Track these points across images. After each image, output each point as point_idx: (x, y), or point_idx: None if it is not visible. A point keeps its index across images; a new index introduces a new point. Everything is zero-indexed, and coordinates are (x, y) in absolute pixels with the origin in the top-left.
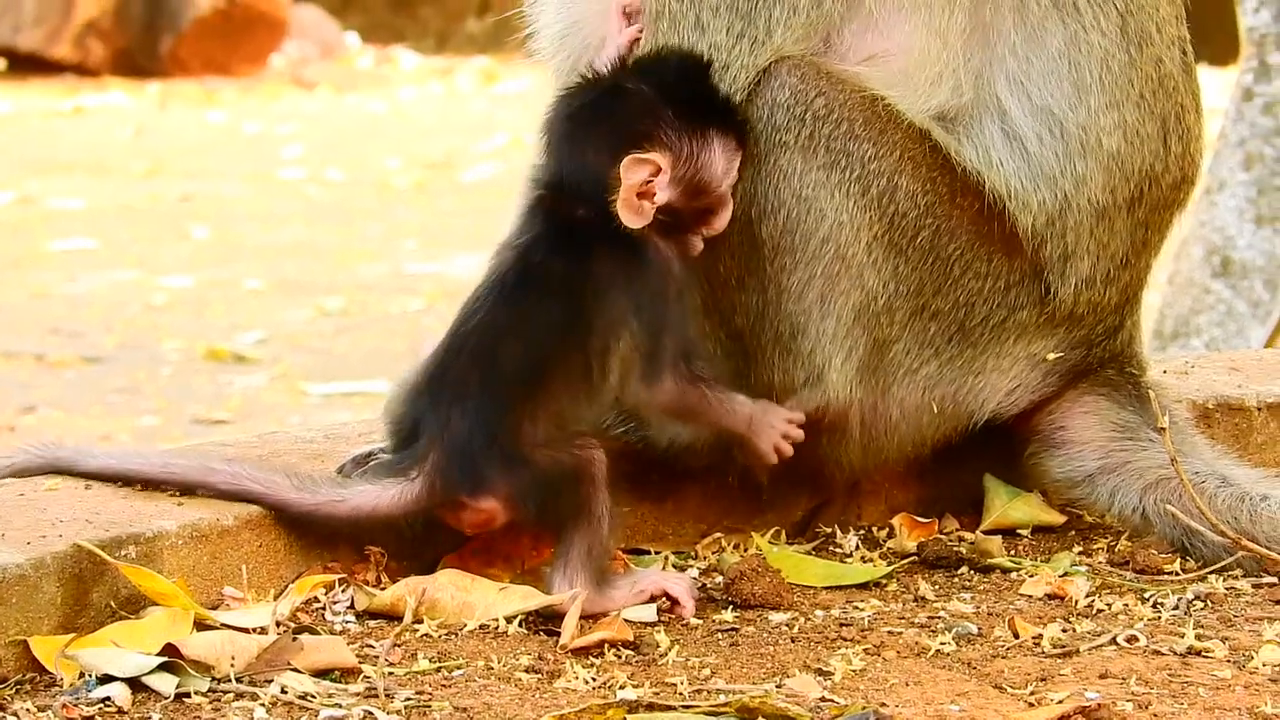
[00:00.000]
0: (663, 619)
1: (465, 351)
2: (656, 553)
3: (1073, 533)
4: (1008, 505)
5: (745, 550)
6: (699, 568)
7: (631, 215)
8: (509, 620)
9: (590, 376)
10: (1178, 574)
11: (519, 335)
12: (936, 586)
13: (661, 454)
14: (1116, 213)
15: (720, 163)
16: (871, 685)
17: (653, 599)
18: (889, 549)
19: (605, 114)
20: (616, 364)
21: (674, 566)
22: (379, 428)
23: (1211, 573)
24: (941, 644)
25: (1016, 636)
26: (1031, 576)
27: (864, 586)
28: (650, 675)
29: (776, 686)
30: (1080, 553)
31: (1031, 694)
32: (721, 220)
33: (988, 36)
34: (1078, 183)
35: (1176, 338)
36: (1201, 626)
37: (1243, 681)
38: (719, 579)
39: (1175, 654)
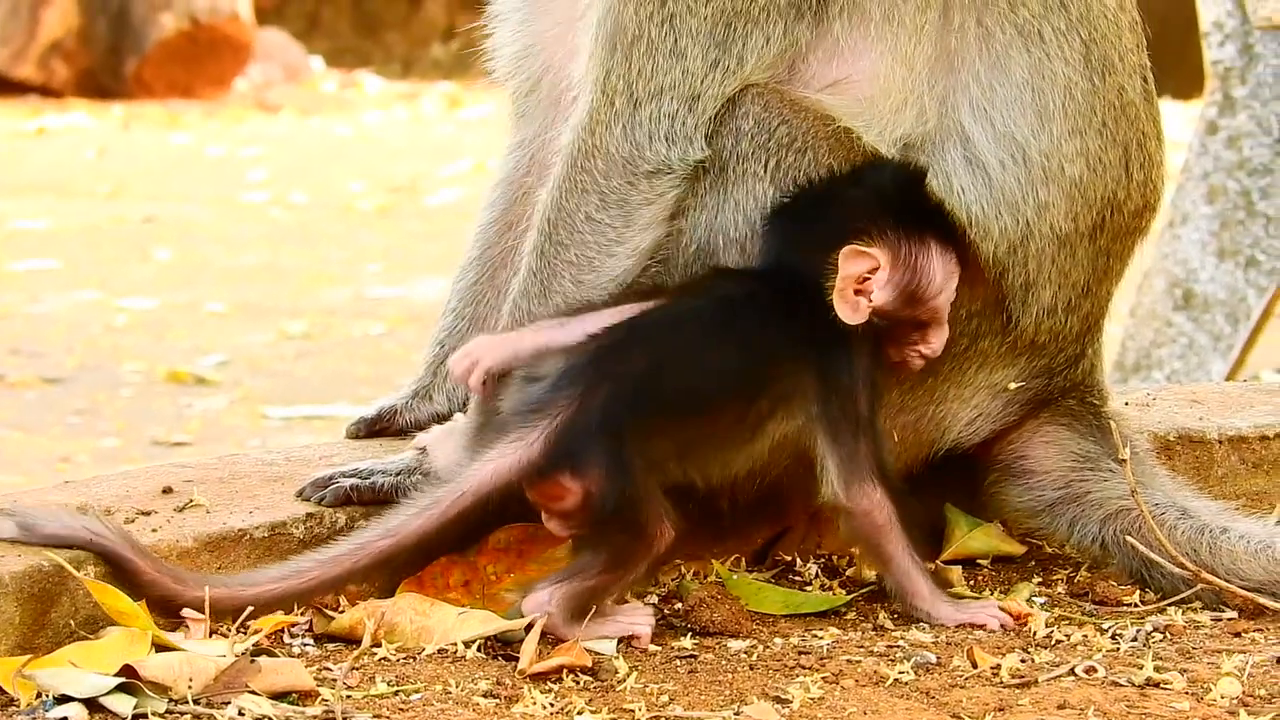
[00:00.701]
0: (623, 644)
1: (637, 343)
2: None
3: (1033, 563)
4: (968, 535)
5: (705, 578)
6: (659, 594)
7: (847, 309)
8: (467, 645)
9: (739, 431)
10: (1137, 605)
11: (697, 356)
12: (895, 615)
13: None
14: (1079, 240)
15: (939, 273)
16: (829, 713)
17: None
18: (848, 577)
19: (828, 208)
20: (769, 435)
21: (634, 594)
22: (340, 450)
23: (1170, 605)
24: (900, 673)
25: (975, 666)
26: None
27: (823, 615)
28: (608, 701)
29: (735, 714)
30: (1040, 583)
31: None
32: (936, 339)
33: (952, 63)
34: (1040, 210)
35: (1138, 370)
36: (1160, 658)
37: (1200, 714)
38: (679, 606)
39: (1134, 685)
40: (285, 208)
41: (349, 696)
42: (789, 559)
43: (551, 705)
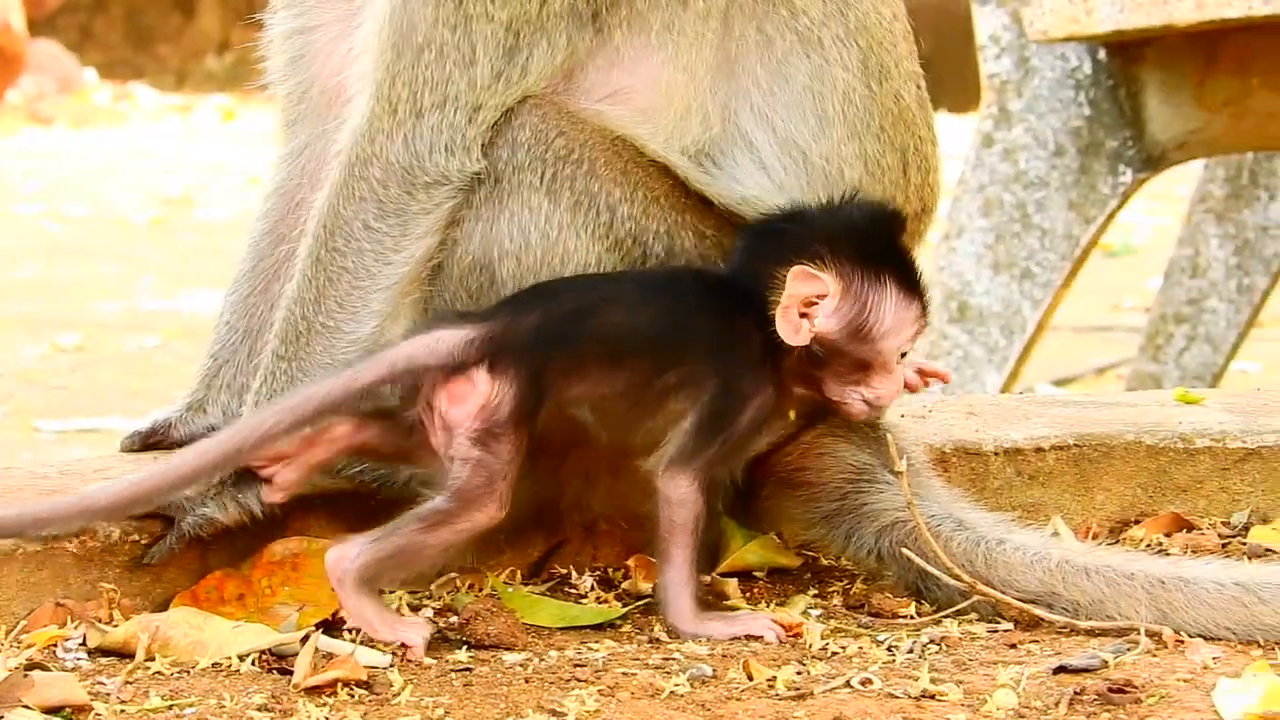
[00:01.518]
0: (398, 657)
1: (575, 288)
2: (391, 592)
3: (809, 575)
4: (744, 547)
5: (480, 590)
6: (434, 607)
7: (789, 328)
8: (242, 659)
9: (646, 396)
10: (913, 617)
11: (630, 309)
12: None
13: (396, 494)
14: None
15: (890, 315)
16: None
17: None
18: (624, 590)
19: (787, 230)
20: (664, 416)
21: (409, 606)
22: (115, 464)
23: (946, 616)
24: (676, 685)
25: (751, 679)
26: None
27: (598, 627)
28: (383, 715)
29: None
30: (816, 595)
31: None
32: (882, 386)
33: (734, 70)
34: None
35: None
36: (936, 670)
37: None
38: (453, 619)
39: (909, 697)
40: (59, 220)
41: (122, 711)
42: (564, 572)
43: (326, 719)
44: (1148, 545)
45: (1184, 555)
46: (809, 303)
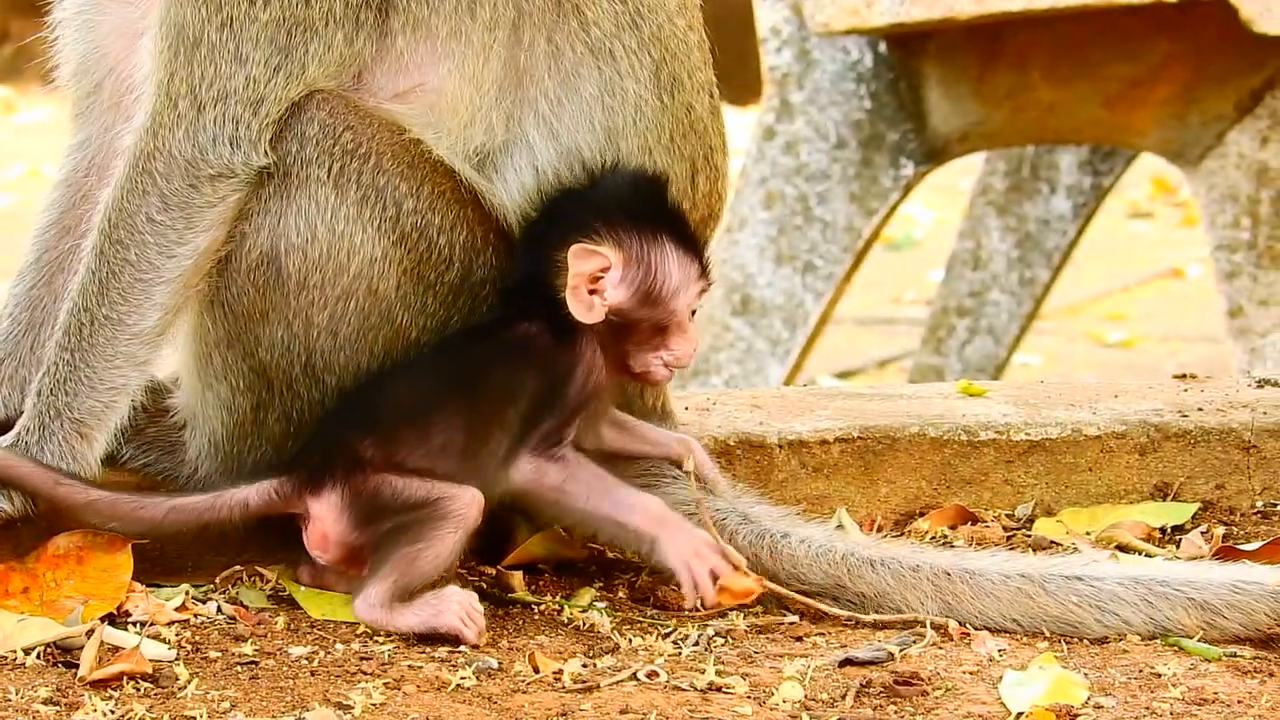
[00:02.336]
0: (184, 650)
1: (368, 388)
2: (174, 586)
3: (594, 568)
4: (529, 539)
5: (264, 584)
6: (219, 602)
7: (581, 308)
8: (27, 652)
9: (471, 435)
10: (698, 610)
11: (415, 379)
12: None
13: (183, 485)
14: None
15: (676, 275)
16: (392, 719)
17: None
18: None
19: (559, 210)
20: (498, 430)
21: (194, 599)
22: None
23: (732, 610)
24: (462, 678)
25: (537, 671)
26: (557, 611)
27: None
28: (169, 708)
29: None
30: (601, 588)
31: None
32: (679, 346)
33: (521, 80)
34: None
35: (697, 375)
36: (722, 663)
37: (763, 717)
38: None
39: (696, 690)
40: None
41: None
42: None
43: (112, 712)
44: (933, 538)
45: (969, 547)
46: (594, 278)
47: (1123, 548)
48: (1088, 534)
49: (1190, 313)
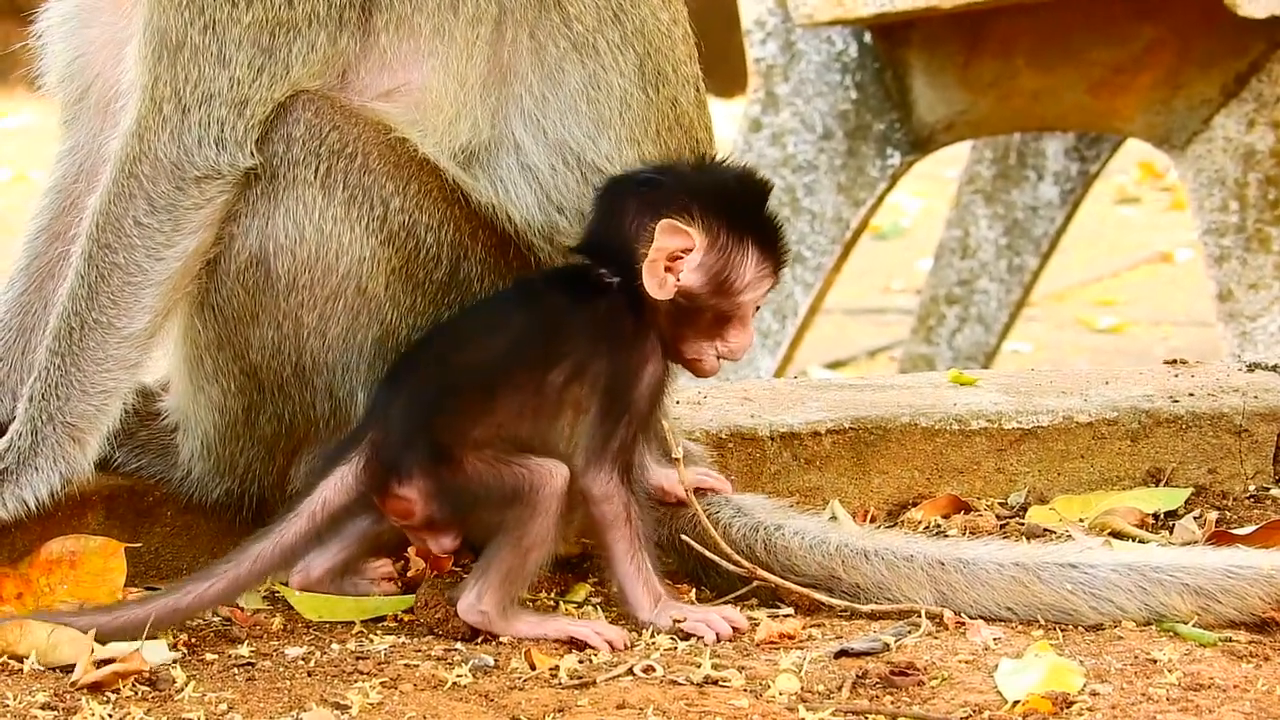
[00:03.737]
0: (180, 652)
1: (429, 347)
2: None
3: (587, 564)
4: None
5: (259, 586)
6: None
7: (655, 282)
8: (23, 658)
9: (542, 402)
10: (694, 604)
11: (482, 340)
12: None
13: (175, 488)
14: None
15: (751, 272)
16: (389, 718)
17: (559, 642)
18: (412, 579)
19: (656, 186)
20: (569, 408)
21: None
22: None
23: (727, 602)
24: (459, 676)
25: (533, 668)
26: (553, 607)
27: (378, 620)
28: (167, 711)
29: None
30: (595, 583)
31: None
32: (736, 339)
33: (505, 76)
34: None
35: None
36: (718, 656)
37: (760, 710)
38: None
39: (692, 683)
40: None
41: None
42: None
43: (110, 715)
44: (926, 527)
45: (962, 537)
46: (674, 257)
47: (1116, 534)
48: (1081, 521)
49: (1180, 297)
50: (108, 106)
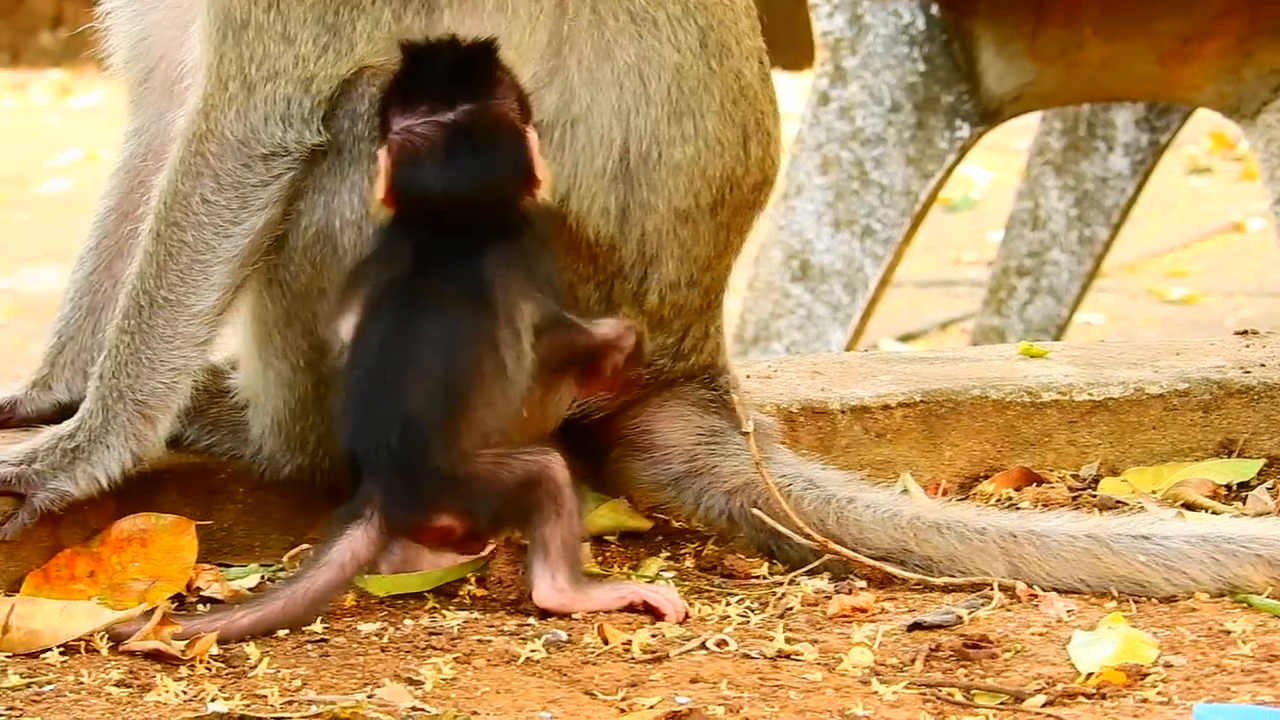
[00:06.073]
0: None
1: (381, 381)
2: (243, 566)
3: (660, 538)
4: (594, 511)
5: None
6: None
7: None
8: (90, 638)
9: (504, 370)
10: (766, 577)
11: (430, 351)
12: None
13: (246, 465)
14: (700, 216)
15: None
16: (462, 694)
17: (632, 607)
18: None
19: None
20: (527, 339)
21: (266, 579)
22: None
23: (799, 575)
24: (532, 651)
25: (606, 642)
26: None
27: (452, 596)
28: (241, 687)
29: (368, 696)
30: (668, 558)
31: (623, 699)
32: None
33: (561, 50)
34: (654, 187)
35: (758, 342)
36: (790, 630)
37: (833, 684)
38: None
39: (765, 657)
40: None
41: None
42: None
43: (185, 693)
44: (998, 500)
45: (1034, 509)
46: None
47: (1189, 506)
48: (1153, 493)
49: (1252, 267)
50: (173, 87)
